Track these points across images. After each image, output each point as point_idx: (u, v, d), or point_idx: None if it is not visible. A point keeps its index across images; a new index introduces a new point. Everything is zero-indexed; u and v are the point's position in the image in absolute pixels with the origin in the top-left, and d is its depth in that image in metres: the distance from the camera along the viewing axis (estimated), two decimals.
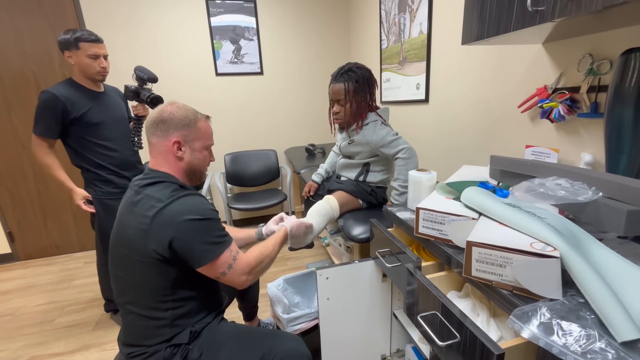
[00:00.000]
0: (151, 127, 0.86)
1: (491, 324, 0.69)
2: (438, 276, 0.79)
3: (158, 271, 0.80)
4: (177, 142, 0.86)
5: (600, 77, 0.91)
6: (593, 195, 0.61)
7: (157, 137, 0.86)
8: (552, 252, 0.53)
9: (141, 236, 0.78)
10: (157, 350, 0.83)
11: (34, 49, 2.23)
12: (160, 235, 0.77)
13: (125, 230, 0.82)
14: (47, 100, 1.37)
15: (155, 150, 0.87)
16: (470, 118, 1.48)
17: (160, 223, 0.77)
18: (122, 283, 0.86)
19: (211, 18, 2.48)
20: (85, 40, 1.38)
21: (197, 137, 0.89)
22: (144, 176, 0.87)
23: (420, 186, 0.98)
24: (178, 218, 0.77)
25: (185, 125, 0.86)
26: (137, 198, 0.82)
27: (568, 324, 0.47)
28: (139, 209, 0.80)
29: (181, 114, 0.86)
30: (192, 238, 0.78)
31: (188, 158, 0.88)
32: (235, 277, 0.85)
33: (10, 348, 1.59)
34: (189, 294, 0.87)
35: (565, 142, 1.05)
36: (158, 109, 0.87)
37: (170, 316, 0.84)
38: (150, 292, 0.82)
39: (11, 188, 2.38)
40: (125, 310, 0.86)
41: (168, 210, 0.78)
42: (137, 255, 0.80)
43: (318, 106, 2.92)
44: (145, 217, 0.78)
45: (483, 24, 0.91)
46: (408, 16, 1.84)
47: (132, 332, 0.86)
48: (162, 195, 0.80)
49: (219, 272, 0.83)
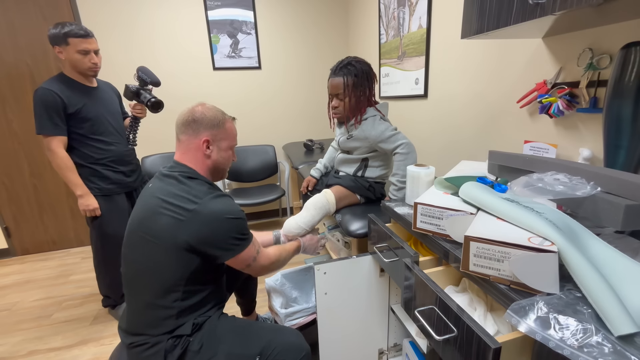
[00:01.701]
0: (182, 125, 0.91)
1: (488, 318, 0.69)
2: (436, 271, 0.79)
3: (181, 260, 0.84)
4: (207, 140, 0.91)
5: (600, 72, 0.90)
6: (591, 190, 0.61)
7: (187, 135, 0.91)
8: (549, 247, 0.53)
9: (175, 225, 0.82)
10: (159, 341, 0.84)
11: (28, 42, 2.20)
12: (197, 228, 0.82)
13: (154, 217, 0.84)
14: (47, 97, 1.34)
15: (184, 147, 0.92)
16: (469, 113, 1.48)
17: (199, 218, 0.82)
18: (136, 268, 0.87)
19: (208, 12, 2.45)
20: (74, 35, 1.35)
21: (224, 137, 0.95)
22: (172, 168, 0.91)
23: (419, 181, 0.98)
24: (217, 216, 0.84)
25: (215, 125, 0.92)
26: (172, 189, 0.86)
27: (565, 318, 0.47)
28: (176, 200, 0.84)
29: (211, 115, 0.92)
30: (226, 234, 0.86)
31: (215, 156, 0.94)
32: (258, 268, 0.97)
33: (8, 343, 1.59)
34: (198, 288, 0.89)
35: (563, 138, 1.05)
36: (189, 108, 0.92)
37: (177, 307, 0.85)
38: (164, 280, 0.84)
39: (7, 183, 2.37)
40: (133, 298, 0.88)
41: (208, 208, 0.84)
42: (163, 241, 0.83)
43: (316, 101, 2.90)
44: (184, 210, 0.83)
45: (483, 17, 0.90)
46: (407, 10, 1.82)
47: (136, 321, 0.87)
48: (199, 191, 0.86)
49: (246, 264, 0.93)
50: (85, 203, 1.46)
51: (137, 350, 0.85)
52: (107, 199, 1.53)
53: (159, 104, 1.49)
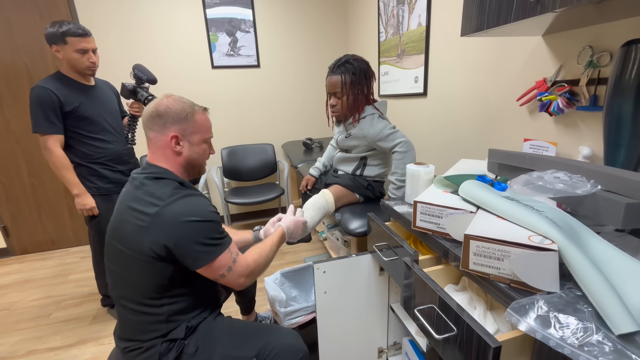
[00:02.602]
0: (148, 121, 0.84)
1: (488, 317, 0.69)
2: (435, 269, 0.79)
3: (153, 269, 0.79)
4: (175, 136, 0.84)
5: (600, 70, 0.90)
6: (591, 189, 0.61)
7: (154, 132, 0.84)
8: (550, 245, 0.53)
9: (138, 233, 0.77)
10: (152, 345, 0.82)
11: (26, 41, 2.18)
12: (158, 235, 0.76)
13: (122, 225, 0.80)
14: (43, 95, 1.33)
15: (153, 145, 0.85)
16: (469, 111, 1.47)
17: (159, 222, 0.76)
18: (117, 278, 0.84)
19: (207, 10, 2.44)
20: (72, 34, 1.34)
21: (195, 131, 0.87)
22: (142, 170, 0.85)
23: (418, 180, 0.98)
24: (178, 219, 0.76)
25: (182, 119, 0.84)
26: (136, 193, 0.81)
27: (565, 317, 0.47)
28: (138, 205, 0.78)
29: (178, 107, 0.84)
30: (191, 239, 0.77)
31: (187, 152, 0.87)
32: (234, 279, 0.85)
33: (7, 342, 1.58)
34: (185, 291, 0.86)
35: (563, 136, 1.05)
36: (154, 102, 0.85)
37: (166, 312, 0.83)
38: (146, 288, 0.81)
39: (5, 182, 2.36)
40: (121, 305, 0.85)
41: (168, 210, 0.77)
42: (132, 251, 0.79)
43: (315, 99, 2.90)
44: (145, 215, 0.77)
45: (483, 14, 0.89)
46: (407, 8, 1.81)
47: (127, 327, 0.85)
48: (163, 193, 0.79)
49: (218, 274, 0.82)
50: (82, 202, 1.45)
51: (132, 355, 0.83)
52: (105, 198, 1.52)
53: None
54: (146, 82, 1.50)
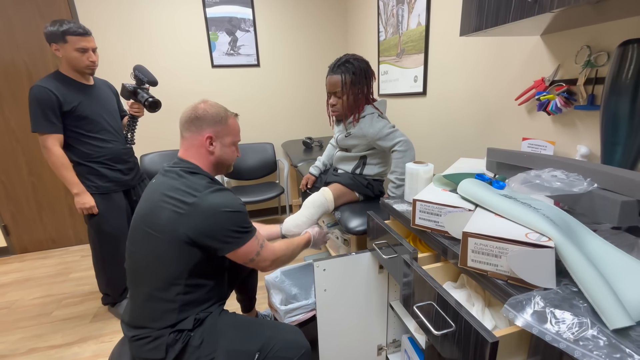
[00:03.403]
0: (186, 123, 0.93)
1: (486, 313, 0.70)
2: (434, 267, 0.80)
3: (181, 253, 0.85)
4: (210, 137, 0.93)
5: (598, 69, 0.91)
6: (588, 187, 0.62)
7: (191, 132, 0.93)
8: (546, 242, 0.54)
9: (175, 219, 0.83)
10: (161, 334, 0.84)
11: (26, 39, 2.18)
12: (197, 222, 0.83)
13: (156, 212, 0.85)
14: (42, 95, 1.34)
15: (188, 143, 0.94)
16: (468, 111, 1.48)
17: (198, 211, 0.83)
18: (141, 261, 0.88)
19: (207, 9, 2.44)
20: (73, 33, 1.34)
21: (227, 133, 0.97)
22: (175, 164, 0.93)
23: (417, 178, 0.98)
24: (215, 209, 0.84)
25: (217, 122, 0.94)
26: (174, 183, 0.87)
27: (561, 312, 0.48)
28: (177, 194, 0.85)
29: (214, 111, 0.93)
30: (225, 227, 0.86)
31: (218, 152, 0.96)
32: (261, 262, 0.96)
33: (8, 340, 1.59)
34: (200, 282, 0.90)
35: (561, 135, 1.05)
36: (192, 106, 0.94)
37: (179, 300, 0.86)
38: (166, 273, 0.85)
39: (5, 181, 2.36)
40: (136, 290, 0.89)
41: (207, 201, 0.84)
42: (164, 235, 0.84)
43: (315, 99, 2.90)
44: (183, 203, 0.84)
45: (482, 14, 0.90)
46: (406, 7, 1.82)
47: (139, 314, 0.88)
48: (200, 185, 0.87)
49: (249, 258, 0.92)
50: (81, 201, 1.46)
51: (139, 343, 0.86)
52: (104, 197, 1.53)
53: (156, 104, 1.48)
54: (147, 84, 1.51)
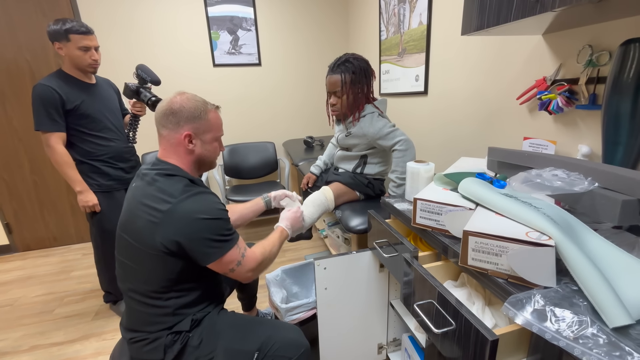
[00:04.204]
0: (161, 118, 0.85)
1: (486, 311, 0.70)
2: (435, 266, 0.80)
3: (164, 263, 0.81)
4: (188, 135, 0.85)
5: (599, 69, 0.90)
6: (589, 186, 0.62)
7: (168, 130, 0.85)
8: (547, 241, 0.54)
9: (151, 229, 0.78)
10: (158, 337, 0.84)
11: (28, 38, 2.19)
12: (170, 231, 0.78)
13: (133, 220, 0.82)
14: (45, 93, 1.34)
15: (166, 142, 0.86)
16: (469, 110, 1.48)
17: (171, 219, 0.78)
18: (128, 270, 0.86)
19: (208, 8, 2.44)
20: (75, 32, 1.35)
21: (207, 129, 0.88)
22: (152, 166, 0.86)
23: (418, 177, 0.98)
24: (189, 216, 0.78)
25: (196, 117, 0.85)
26: (149, 189, 0.82)
27: (561, 311, 0.48)
28: (150, 202, 0.79)
29: (191, 106, 0.85)
30: (202, 236, 0.79)
31: (199, 151, 0.88)
32: (243, 273, 0.88)
33: (10, 337, 1.60)
34: (192, 285, 0.88)
35: (562, 134, 1.05)
36: (167, 99, 0.86)
37: (172, 305, 0.85)
38: (155, 281, 0.83)
39: (7, 179, 2.37)
40: (129, 297, 0.87)
41: (180, 208, 0.78)
42: (143, 246, 0.80)
43: (316, 98, 2.90)
44: (157, 211, 0.78)
45: (483, 13, 0.90)
46: (408, 7, 1.81)
47: (134, 318, 0.87)
48: (175, 190, 0.80)
49: (228, 268, 0.85)
50: (84, 199, 1.46)
51: (137, 345, 0.86)
52: (106, 195, 1.54)
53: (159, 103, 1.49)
54: (149, 83, 1.51)
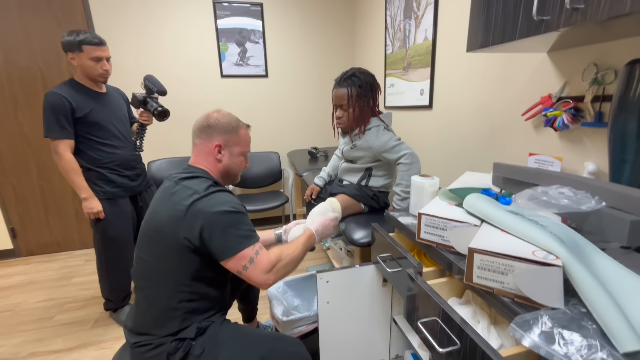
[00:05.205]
0: (198, 130, 0.95)
1: (492, 331, 0.69)
2: (439, 282, 0.79)
3: (182, 258, 0.85)
4: (219, 145, 0.95)
5: (605, 87, 0.91)
6: (596, 205, 0.61)
7: (201, 140, 0.95)
8: (554, 261, 0.53)
9: (174, 223, 0.83)
10: (162, 342, 0.84)
11: (42, 47, 2.25)
12: (193, 223, 0.82)
13: (158, 216, 0.87)
14: (56, 101, 1.38)
15: (198, 150, 0.96)
16: (474, 125, 1.48)
17: (194, 212, 0.83)
18: (145, 266, 0.89)
19: (218, 20, 2.51)
20: (88, 43, 1.39)
21: (236, 143, 0.98)
22: (182, 170, 0.94)
23: (423, 192, 0.98)
24: (212, 209, 0.83)
25: (228, 131, 0.96)
26: (175, 188, 0.88)
27: (569, 333, 0.47)
28: (176, 198, 0.85)
29: (225, 121, 0.96)
30: (222, 228, 0.83)
31: (226, 161, 0.97)
32: (256, 274, 0.85)
33: (9, 344, 1.59)
34: (203, 290, 0.90)
35: (568, 151, 1.05)
36: (205, 115, 0.97)
37: (182, 308, 0.86)
38: (170, 279, 0.86)
39: (15, 184, 2.40)
40: (142, 295, 0.89)
41: (203, 202, 0.84)
42: (166, 240, 0.84)
43: (321, 109, 2.93)
44: (181, 206, 0.83)
45: (488, 31, 0.91)
46: (413, 22, 1.85)
47: (142, 320, 0.88)
48: (199, 187, 0.87)
49: (240, 265, 0.84)
50: (89, 206, 1.48)
51: (141, 350, 0.86)
52: (111, 202, 1.55)
53: (165, 113, 1.52)
54: (156, 93, 1.54)
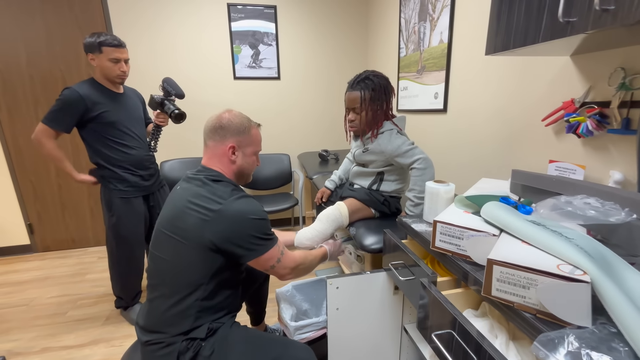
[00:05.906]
0: (210, 131, 0.95)
1: (510, 347, 0.66)
2: (454, 293, 0.76)
3: (204, 258, 0.86)
4: (233, 147, 0.95)
5: (633, 92, 0.86)
6: (626, 217, 0.58)
7: (214, 141, 0.95)
8: (581, 276, 0.50)
9: (201, 226, 0.85)
10: (174, 341, 0.85)
11: (63, 49, 2.32)
12: (222, 228, 0.85)
13: (181, 217, 0.87)
14: (71, 97, 1.41)
15: (211, 152, 0.96)
16: (490, 129, 1.44)
17: (223, 217, 0.85)
18: (162, 265, 0.89)
19: (232, 23, 2.53)
20: (108, 44, 1.43)
21: (249, 143, 0.99)
22: (198, 172, 0.95)
23: (438, 198, 0.95)
24: (240, 215, 0.86)
25: (241, 132, 0.96)
26: (199, 190, 0.89)
27: (599, 355, 0.44)
28: (202, 202, 0.87)
29: (238, 122, 0.96)
30: (249, 233, 0.87)
31: (240, 162, 0.98)
32: (282, 270, 0.96)
33: (23, 338, 1.63)
34: (218, 290, 0.90)
35: (592, 159, 1.00)
36: (216, 115, 0.96)
37: (196, 306, 0.87)
38: (188, 277, 0.87)
39: (34, 182, 2.47)
40: (156, 293, 0.89)
41: (231, 208, 0.86)
42: (189, 241, 0.86)
43: (333, 112, 2.92)
44: (209, 210, 0.85)
45: (509, 34, 0.88)
46: (428, 25, 1.82)
47: (155, 318, 0.88)
48: (224, 192, 0.89)
49: (269, 265, 0.93)
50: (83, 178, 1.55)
51: (152, 348, 0.86)
52: (124, 201, 1.57)
53: (181, 116, 1.53)
54: (174, 96, 1.56)
